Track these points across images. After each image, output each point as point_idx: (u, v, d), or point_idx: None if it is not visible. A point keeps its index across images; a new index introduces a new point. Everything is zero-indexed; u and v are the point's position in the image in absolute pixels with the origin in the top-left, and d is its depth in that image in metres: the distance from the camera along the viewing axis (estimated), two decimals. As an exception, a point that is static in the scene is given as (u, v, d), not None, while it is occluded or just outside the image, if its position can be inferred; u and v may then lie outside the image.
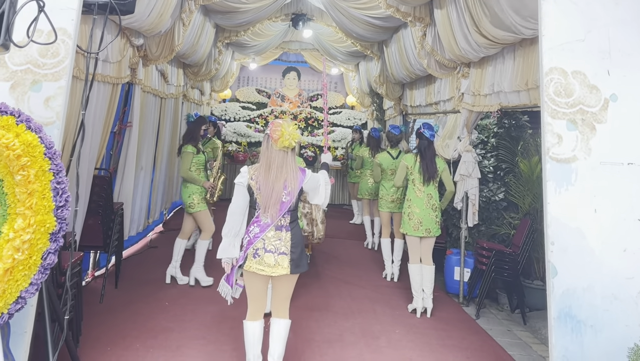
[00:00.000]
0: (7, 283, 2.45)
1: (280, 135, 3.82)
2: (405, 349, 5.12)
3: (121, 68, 5.63)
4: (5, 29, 2.12)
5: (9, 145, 2.50)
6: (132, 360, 4.49)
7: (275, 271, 3.86)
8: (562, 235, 3.39)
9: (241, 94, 14.90)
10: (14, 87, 3.23)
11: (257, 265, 3.86)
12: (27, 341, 3.00)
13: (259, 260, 3.86)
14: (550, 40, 3.47)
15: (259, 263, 3.86)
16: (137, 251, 8.00)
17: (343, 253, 8.97)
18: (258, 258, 3.86)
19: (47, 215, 2.56)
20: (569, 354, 3.31)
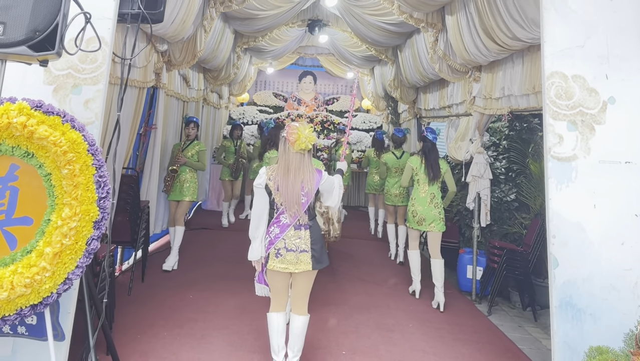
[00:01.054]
0: (56, 265, 2.76)
1: (296, 138, 3.99)
2: (419, 341, 5.35)
3: (147, 73, 5.95)
4: (60, 38, 2.39)
5: (57, 142, 2.81)
6: (160, 346, 4.80)
7: (298, 267, 4.05)
8: (563, 229, 3.63)
9: (258, 98, 15.20)
10: (57, 90, 3.52)
11: (280, 264, 4.05)
12: (71, 321, 3.31)
13: (281, 259, 4.05)
14: (552, 46, 3.73)
15: (282, 262, 4.05)
16: (161, 247, 8.37)
17: (358, 252, 9.22)
18: (280, 257, 4.05)
19: (90, 205, 2.86)
20: (569, 339, 3.54)
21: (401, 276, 7.76)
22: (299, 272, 4.09)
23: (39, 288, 2.70)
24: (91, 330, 3.40)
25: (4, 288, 2.62)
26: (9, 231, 2.78)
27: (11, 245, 2.77)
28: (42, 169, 2.84)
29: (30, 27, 2.32)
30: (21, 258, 2.73)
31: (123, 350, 4.51)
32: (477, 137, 7.00)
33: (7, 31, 2.28)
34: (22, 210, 2.81)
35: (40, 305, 2.75)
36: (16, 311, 2.69)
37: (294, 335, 4.21)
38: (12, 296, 2.64)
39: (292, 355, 4.22)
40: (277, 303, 4.25)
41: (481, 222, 6.95)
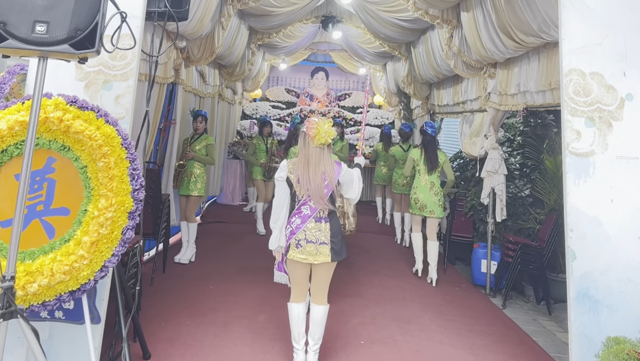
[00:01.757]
0: (93, 253, 2.88)
1: (316, 133, 4.13)
2: (435, 333, 5.45)
3: (167, 69, 6.07)
4: (99, 37, 2.49)
5: (92, 136, 2.94)
6: (185, 333, 4.98)
7: (317, 259, 4.17)
8: (580, 223, 3.70)
9: (271, 94, 15.29)
10: (88, 86, 3.63)
11: (300, 254, 4.17)
12: (104, 307, 3.43)
13: (301, 250, 4.17)
14: (570, 44, 3.80)
15: (301, 253, 4.17)
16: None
17: (373, 246, 9.31)
18: (300, 248, 4.17)
19: (125, 197, 2.98)
20: (586, 330, 3.62)
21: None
22: (318, 263, 4.20)
23: (77, 275, 2.81)
24: (123, 317, 3.52)
25: (44, 274, 2.74)
26: (47, 221, 2.91)
27: (49, 234, 2.90)
28: (78, 162, 2.96)
29: (72, 26, 2.41)
30: (60, 247, 2.85)
31: (149, 337, 4.66)
32: (491, 133, 7.06)
33: (51, 30, 2.37)
34: (59, 201, 2.94)
35: (79, 291, 2.87)
36: (56, 297, 2.81)
37: (314, 324, 4.34)
38: (52, 283, 2.76)
39: (312, 342, 4.35)
40: (297, 293, 4.38)
41: (496, 217, 7.01)
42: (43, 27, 2.34)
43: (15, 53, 2.45)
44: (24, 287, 2.72)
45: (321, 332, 4.37)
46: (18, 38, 2.35)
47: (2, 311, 2.28)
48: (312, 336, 4.35)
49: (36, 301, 2.79)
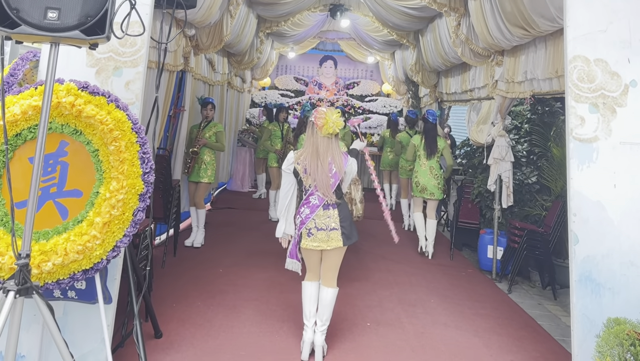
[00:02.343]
0: (105, 234, 2.97)
1: (324, 123, 4.18)
2: (440, 315, 5.54)
3: (177, 57, 6.14)
4: (109, 23, 2.55)
5: (103, 120, 3.02)
6: (195, 314, 5.12)
7: (329, 244, 4.27)
8: (583, 207, 3.74)
9: (280, 82, 15.35)
10: (99, 72, 3.70)
11: (312, 242, 4.28)
12: (117, 286, 3.53)
13: (313, 238, 4.27)
14: (574, 31, 3.81)
15: (313, 240, 4.27)
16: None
17: (380, 232, 9.35)
18: (312, 236, 4.27)
19: (136, 179, 3.07)
20: (588, 312, 3.67)
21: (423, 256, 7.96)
22: (330, 248, 4.30)
23: (90, 254, 2.91)
24: (134, 296, 3.63)
25: (58, 254, 2.84)
26: (60, 203, 3.01)
27: (63, 215, 2.99)
28: (90, 146, 3.05)
29: (83, 12, 2.48)
30: (73, 227, 2.95)
31: (161, 317, 4.79)
32: (498, 120, 7.09)
33: (62, 17, 2.44)
34: (72, 183, 3.03)
35: (92, 270, 2.97)
36: (70, 276, 2.90)
37: (323, 305, 4.43)
38: (66, 262, 2.85)
39: (320, 323, 4.43)
40: (312, 274, 4.51)
41: (503, 203, 7.06)
42: (55, 14, 2.41)
43: (28, 39, 2.53)
44: (38, 266, 2.81)
45: (329, 314, 4.45)
46: (30, 24, 2.42)
47: (18, 287, 2.37)
48: (320, 317, 4.43)
49: (51, 279, 2.88)
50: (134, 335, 3.55)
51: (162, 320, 4.76)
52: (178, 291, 5.66)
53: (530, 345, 4.98)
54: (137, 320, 3.57)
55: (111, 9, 2.57)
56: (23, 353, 3.43)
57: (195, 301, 5.42)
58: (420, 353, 4.63)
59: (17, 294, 2.37)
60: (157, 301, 5.23)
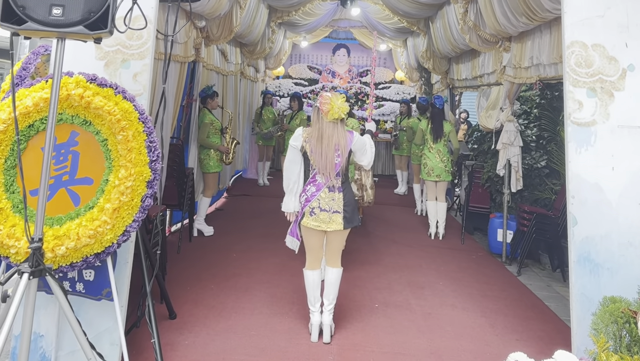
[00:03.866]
0: (115, 219, 3.12)
1: (329, 108, 4.21)
2: (448, 297, 5.65)
3: (187, 48, 6.26)
4: (111, 18, 2.68)
5: (111, 111, 3.16)
6: (209, 296, 5.31)
7: (330, 226, 4.33)
8: (581, 189, 3.80)
9: (293, 71, 15.45)
10: (108, 64, 3.83)
11: (313, 222, 4.34)
12: (129, 270, 3.69)
13: (315, 217, 4.33)
14: (572, 16, 3.86)
15: (315, 220, 4.33)
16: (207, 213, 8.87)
17: (392, 217, 9.53)
18: (314, 215, 4.33)
19: (143, 167, 3.21)
20: (586, 291, 3.74)
21: (434, 240, 8.09)
22: (331, 230, 4.37)
23: (101, 238, 3.07)
24: (147, 278, 3.81)
25: (71, 238, 3.01)
26: (72, 190, 3.17)
27: (75, 202, 3.16)
28: (99, 136, 3.21)
29: (86, 8, 2.61)
30: (85, 213, 3.11)
31: (176, 300, 4.99)
32: (507, 105, 7.13)
33: (66, 13, 2.58)
34: (83, 171, 3.19)
35: (103, 254, 3.13)
36: (82, 259, 3.07)
37: (328, 285, 4.55)
38: (79, 246, 3.02)
39: (327, 302, 4.54)
40: (312, 260, 4.56)
41: (512, 188, 7.11)
42: (59, 10, 2.55)
43: (35, 35, 2.67)
44: (53, 250, 2.98)
45: (335, 293, 4.57)
46: (36, 20, 2.56)
47: (32, 269, 2.53)
48: (327, 296, 4.54)
49: (65, 262, 3.05)
50: (146, 315, 3.71)
51: (177, 302, 4.95)
52: (192, 274, 5.86)
53: (537, 325, 5.07)
54: (149, 301, 3.73)
55: (113, 5, 2.70)
56: (42, 333, 3.62)
57: (208, 284, 5.61)
58: (426, 333, 4.75)
59: (31, 276, 2.53)
60: (173, 284, 5.43)
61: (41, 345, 3.62)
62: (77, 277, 3.43)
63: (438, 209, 8.15)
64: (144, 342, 4.08)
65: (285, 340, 4.47)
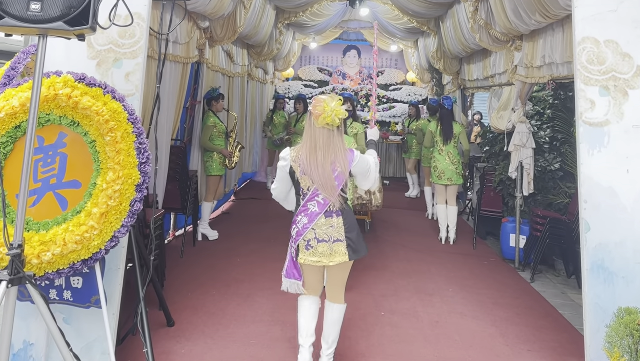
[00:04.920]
0: (102, 224, 3.02)
1: (321, 111, 3.53)
2: (457, 304, 5.48)
3: (189, 48, 6.16)
4: (92, 14, 2.56)
5: (99, 111, 3.07)
6: (210, 303, 5.18)
7: (332, 259, 3.63)
8: (594, 194, 3.65)
9: (303, 73, 15.37)
10: (99, 64, 3.74)
11: (311, 257, 3.64)
12: (120, 276, 3.59)
13: (312, 251, 3.64)
14: (583, 11, 3.72)
15: (313, 254, 3.63)
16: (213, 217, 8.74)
17: (402, 221, 9.37)
18: (312, 249, 3.64)
19: (132, 170, 3.11)
20: (600, 301, 3.59)
21: (444, 245, 7.92)
22: (333, 264, 3.66)
23: (88, 244, 2.96)
24: (141, 284, 3.72)
25: (57, 244, 2.90)
26: (60, 193, 3.07)
27: (62, 206, 3.05)
28: (87, 137, 3.11)
29: (66, 3, 2.51)
30: (72, 218, 3.01)
31: (175, 306, 4.88)
32: (519, 106, 6.96)
33: (45, 8, 2.48)
34: (71, 174, 3.09)
35: (90, 260, 3.03)
36: (69, 265, 2.96)
37: (329, 324, 3.86)
38: (65, 252, 2.91)
39: (325, 346, 3.90)
40: (310, 289, 3.89)
41: (524, 191, 6.95)
42: (37, 5, 2.44)
43: (13, 31, 2.56)
44: (38, 256, 2.87)
45: (336, 334, 3.90)
46: (13, 16, 2.45)
47: (10, 277, 2.41)
48: (326, 339, 3.89)
49: (51, 269, 2.95)
50: (138, 324, 3.61)
51: (176, 309, 4.84)
52: (194, 280, 5.75)
53: (549, 335, 4.90)
54: (142, 308, 3.61)
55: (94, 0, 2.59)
56: (32, 341, 3.54)
57: (209, 290, 5.50)
58: (433, 343, 4.59)
59: (9, 284, 2.41)
60: (173, 290, 5.34)
61: (30, 354, 3.53)
62: (65, 284, 3.32)
63: (448, 213, 7.98)
64: (138, 350, 3.94)
65: (285, 349, 4.32)
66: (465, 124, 10.80)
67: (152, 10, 4.10)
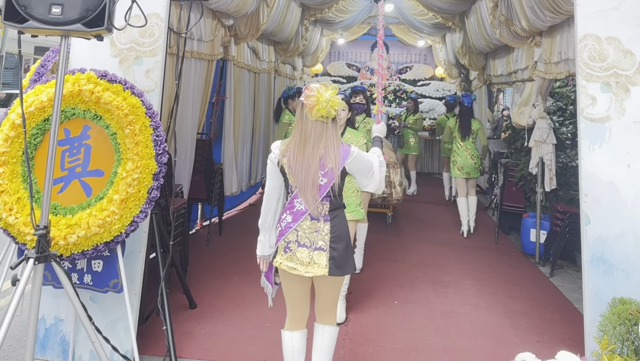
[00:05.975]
0: (123, 210, 3.30)
1: (315, 102, 3.04)
2: (472, 296, 5.59)
3: (214, 46, 6.42)
4: (108, 16, 2.83)
5: (119, 106, 3.35)
6: (230, 288, 5.49)
7: (309, 270, 3.09)
8: (595, 188, 3.73)
9: (332, 69, 15.56)
10: (122, 62, 4.01)
11: (288, 262, 3.13)
12: (142, 259, 3.87)
13: (289, 255, 3.13)
14: (585, 8, 3.79)
15: (290, 260, 3.13)
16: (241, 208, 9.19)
17: (425, 215, 9.47)
18: (289, 252, 3.14)
19: (150, 160, 3.38)
20: (600, 292, 3.67)
21: (467, 238, 8.06)
22: (308, 276, 3.13)
23: (110, 228, 3.26)
24: (162, 266, 4.01)
25: (82, 227, 3.20)
26: (85, 181, 3.37)
27: (87, 193, 3.36)
28: (109, 129, 3.40)
29: (83, 7, 2.79)
30: (95, 204, 3.31)
31: (198, 290, 5.20)
32: (539, 102, 7.00)
33: (65, 11, 2.77)
34: (94, 164, 3.38)
35: (112, 243, 3.33)
36: (93, 247, 3.27)
37: (318, 351, 3.33)
38: (89, 234, 3.22)
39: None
40: (293, 315, 3.38)
41: (546, 186, 6.98)
42: (58, 9, 2.72)
43: (38, 32, 2.84)
44: (65, 238, 3.18)
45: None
46: (37, 19, 2.73)
47: (37, 255, 2.69)
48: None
49: (76, 250, 3.26)
50: (159, 303, 3.88)
51: (199, 293, 5.14)
52: (218, 267, 6.04)
53: (561, 327, 4.97)
54: (162, 289, 3.89)
55: (109, 3, 2.85)
56: (62, 317, 3.87)
57: (232, 276, 5.78)
58: (443, 331, 4.74)
59: (36, 261, 2.68)
60: (197, 275, 5.65)
61: (61, 329, 3.85)
62: (86, 268, 3.61)
63: (469, 203, 8.27)
64: (161, 329, 4.20)
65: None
66: (490, 119, 10.84)
67: (174, 9, 4.34)
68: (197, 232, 7.53)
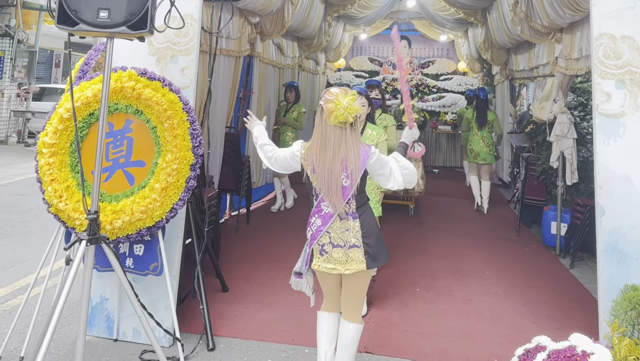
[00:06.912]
0: (163, 197, 3.58)
1: (333, 108, 3.11)
2: (492, 285, 5.74)
3: (241, 43, 6.68)
4: (150, 19, 3.08)
5: (158, 102, 3.61)
6: (260, 274, 5.77)
7: (348, 267, 3.24)
8: (609, 180, 3.85)
9: (355, 63, 15.70)
10: (159, 60, 4.27)
11: (326, 263, 3.28)
12: (180, 244, 4.16)
13: (327, 258, 3.28)
14: (600, 8, 3.92)
15: (327, 261, 3.27)
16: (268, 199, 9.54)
17: (447, 208, 9.63)
18: (325, 255, 3.28)
19: (187, 152, 3.65)
20: (614, 280, 3.78)
21: (488, 230, 8.17)
22: (349, 273, 3.26)
23: (152, 214, 3.54)
24: (198, 251, 4.34)
25: (126, 213, 3.49)
26: (128, 171, 3.66)
27: (130, 182, 3.65)
28: (149, 123, 3.68)
29: (128, 11, 3.04)
30: (138, 192, 3.59)
31: (229, 275, 5.47)
32: (560, 97, 7.10)
33: (111, 15, 3.03)
34: (136, 155, 3.66)
35: (154, 228, 3.62)
36: (136, 232, 3.55)
37: (342, 346, 3.41)
38: (133, 220, 3.50)
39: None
40: (330, 302, 3.54)
41: (567, 180, 7.07)
42: (105, 13, 2.98)
43: (87, 35, 3.10)
44: (111, 223, 3.47)
45: (350, 359, 3.43)
46: (86, 22, 3.00)
47: (89, 237, 2.96)
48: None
49: (122, 234, 3.54)
50: (195, 284, 4.19)
51: (230, 277, 5.42)
52: (247, 254, 6.35)
53: (580, 315, 5.07)
54: (198, 271, 4.20)
55: (151, 8, 3.10)
56: (107, 296, 4.17)
57: (260, 263, 6.06)
58: (463, 317, 4.91)
59: (88, 243, 2.96)
60: (228, 261, 5.93)
61: (106, 307, 4.16)
62: (128, 252, 3.92)
63: (482, 187, 9.34)
64: (196, 309, 4.48)
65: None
66: (513, 114, 10.93)
67: (206, 9, 4.56)
68: (225, 221, 7.85)
